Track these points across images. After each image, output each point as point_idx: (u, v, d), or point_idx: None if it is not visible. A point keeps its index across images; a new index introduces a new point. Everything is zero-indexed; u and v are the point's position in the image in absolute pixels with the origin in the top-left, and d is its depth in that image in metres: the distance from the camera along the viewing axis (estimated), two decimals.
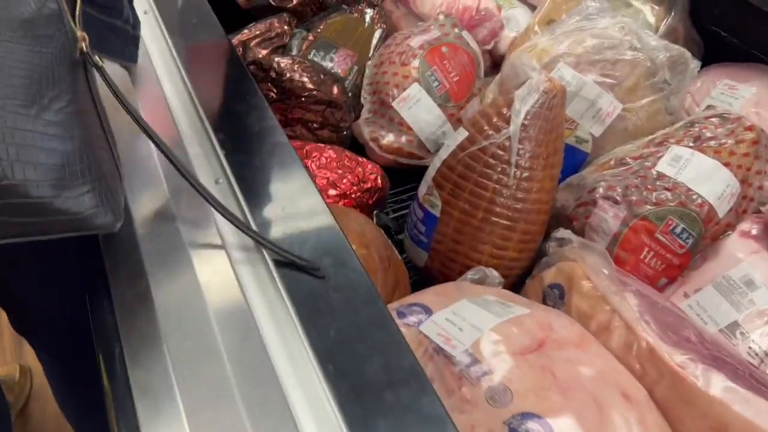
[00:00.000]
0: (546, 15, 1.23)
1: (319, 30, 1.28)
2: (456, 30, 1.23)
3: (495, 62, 1.35)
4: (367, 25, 1.29)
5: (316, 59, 1.26)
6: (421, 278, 1.00)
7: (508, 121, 0.88)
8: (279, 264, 0.60)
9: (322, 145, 1.04)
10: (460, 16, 1.28)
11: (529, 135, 0.87)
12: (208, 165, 0.69)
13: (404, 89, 1.14)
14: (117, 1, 0.67)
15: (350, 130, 1.18)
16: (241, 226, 0.60)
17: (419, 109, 1.15)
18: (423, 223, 0.94)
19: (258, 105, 0.78)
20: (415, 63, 1.15)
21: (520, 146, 0.87)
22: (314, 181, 0.69)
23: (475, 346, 0.66)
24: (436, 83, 1.15)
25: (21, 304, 0.89)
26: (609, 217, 0.89)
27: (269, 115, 0.77)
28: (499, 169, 0.87)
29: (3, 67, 0.47)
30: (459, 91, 1.17)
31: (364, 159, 1.05)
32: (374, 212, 1.05)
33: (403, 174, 1.21)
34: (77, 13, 0.53)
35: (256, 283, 0.60)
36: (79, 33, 0.53)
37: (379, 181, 1.03)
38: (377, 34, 1.29)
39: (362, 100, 1.20)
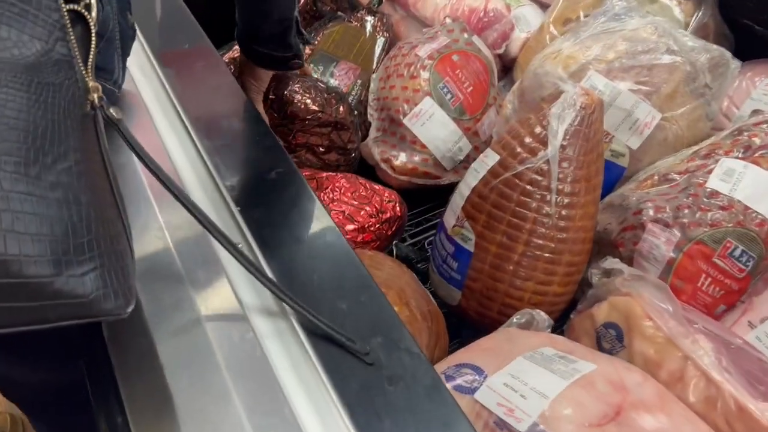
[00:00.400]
0: (561, 14, 1.14)
1: (316, 42, 1.18)
2: (465, 35, 1.13)
3: (505, 66, 1.26)
4: (368, 34, 1.19)
5: (315, 75, 1.16)
6: (449, 310, 0.91)
7: (543, 142, 0.79)
8: (315, 339, 0.51)
9: (334, 174, 0.95)
10: (467, 19, 1.19)
11: (569, 156, 0.79)
12: (221, 224, 0.60)
13: (415, 104, 1.05)
14: (111, 63, 0.59)
15: (358, 152, 1.08)
16: (285, 297, 0.50)
17: (433, 125, 1.05)
18: (454, 258, 0.85)
19: (270, 146, 0.68)
20: (425, 75, 1.06)
21: (560, 170, 0.79)
22: (340, 228, 0.60)
23: (543, 418, 0.57)
24: (449, 95, 1.06)
25: (7, 380, 0.79)
26: (661, 243, 0.81)
27: (284, 157, 0.67)
28: (539, 196, 0.79)
29: (0, 117, 0.38)
30: (474, 102, 1.08)
31: (380, 186, 0.96)
32: (394, 243, 0.96)
33: (417, 194, 1.12)
34: (90, 60, 0.44)
35: (289, 365, 0.51)
36: (92, 83, 0.44)
37: (398, 209, 0.94)
38: (380, 43, 1.19)
39: (369, 117, 1.10)
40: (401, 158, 1.06)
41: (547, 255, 0.80)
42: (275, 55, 0.90)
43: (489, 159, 0.83)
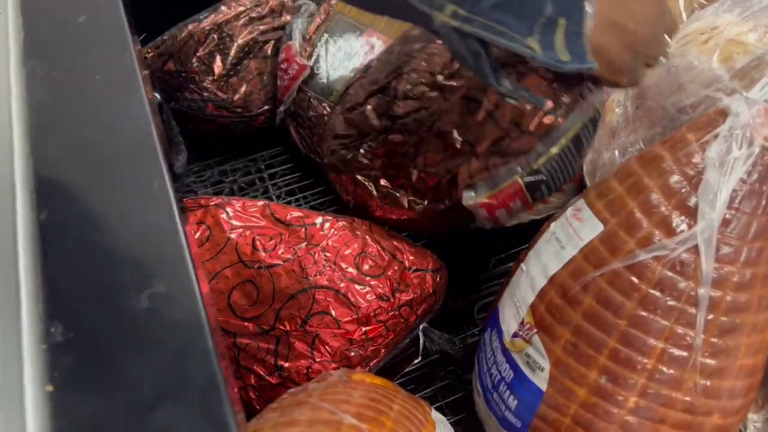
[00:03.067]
0: None
1: (333, 3, 0.83)
2: None
3: None
4: None
5: (329, 48, 0.81)
6: None
7: (688, 211, 0.43)
8: None
9: (331, 218, 0.61)
10: None
11: (735, 240, 0.42)
12: None
13: None
14: None
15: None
16: None
17: None
18: (512, 390, 0.50)
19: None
20: None
21: (719, 265, 0.42)
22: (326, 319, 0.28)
23: None
24: None
25: None
26: None
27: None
28: (675, 311, 0.43)
29: None
30: None
31: (404, 242, 0.62)
32: (421, 328, 0.62)
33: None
34: None
35: None
36: None
37: (429, 282, 0.60)
38: None
39: None
40: None
41: (679, 415, 0.44)
42: None
43: (584, 227, 0.47)
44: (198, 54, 0.81)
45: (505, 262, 0.80)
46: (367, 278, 0.56)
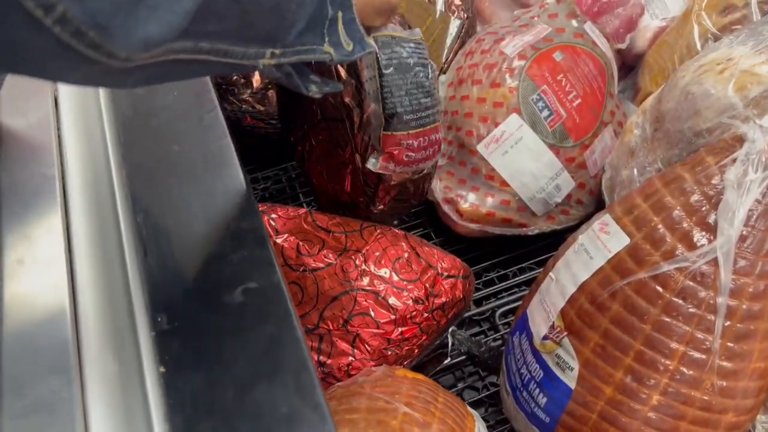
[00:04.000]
0: None
1: None
2: (575, 22, 0.80)
3: (625, 63, 0.92)
4: (439, 13, 0.87)
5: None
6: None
7: (708, 227, 0.47)
8: None
9: (371, 227, 0.65)
10: None
11: (751, 255, 0.47)
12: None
13: (496, 124, 0.74)
14: None
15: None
16: None
17: (520, 155, 0.74)
18: (542, 388, 0.54)
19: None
20: (512, 82, 0.74)
21: (736, 276, 0.47)
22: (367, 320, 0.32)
23: None
24: (545, 112, 0.74)
25: None
26: None
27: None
28: (695, 317, 0.47)
29: None
30: (582, 121, 0.76)
31: (437, 250, 0.66)
32: (450, 331, 0.67)
33: (491, 240, 0.82)
34: None
35: None
36: None
37: (459, 288, 0.64)
38: (454, 26, 0.87)
39: None
40: (471, 199, 0.76)
41: (697, 412, 0.48)
42: None
43: (611, 240, 0.52)
44: None
45: (524, 272, 0.84)
46: (404, 282, 0.61)
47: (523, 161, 0.74)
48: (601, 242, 0.52)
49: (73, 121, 0.45)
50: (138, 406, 0.31)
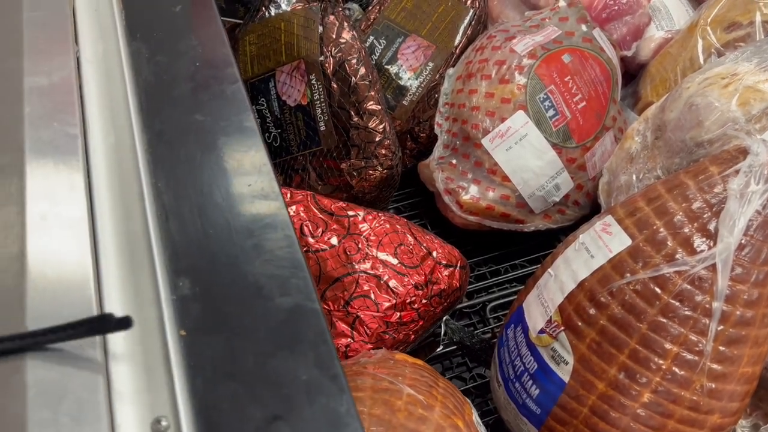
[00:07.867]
0: (724, 14, 0.80)
1: (381, 7, 0.88)
2: (584, 27, 0.81)
3: (628, 71, 0.93)
4: (450, 3, 0.88)
5: (375, 50, 0.86)
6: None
7: (709, 234, 0.49)
8: None
9: (372, 212, 0.66)
10: (588, 4, 0.86)
11: (748, 263, 0.48)
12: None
13: (502, 119, 0.75)
14: None
15: (399, 168, 0.79)
16: None
17: (523, 151, 0.75)
18: (535, 380, 0.56)
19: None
20: (521, 79, 0.75)
21: (733, 283, 0.48)
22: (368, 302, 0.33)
23: None
24: (551, 111, 0.75)
25: None
26: None
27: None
28: (690, 320, 0.49)
29: None
30: (585, 123, 0.77)
31: (436, 240, 0.67)
32: (444, 320, 0.68)
33: (485, 235, 0.83)
34: None
35: None
36: None
37: (456, 277, 0.65)
38: (467, 17, 0.88)
39: (435, 127, 0.80)
40: (472, 191, 0.77)
41: (685, 412, 0.50)
42: None
43: (613, 240, 0.53)
44: None
45: (516, 268, 0.86)
46: (405, 267, 0.62)
47: (526, 158, 0.75)
48: (602, 242, 0.54)
49: (95, 85, 0.45)
50: (159, 366, 0.32)
